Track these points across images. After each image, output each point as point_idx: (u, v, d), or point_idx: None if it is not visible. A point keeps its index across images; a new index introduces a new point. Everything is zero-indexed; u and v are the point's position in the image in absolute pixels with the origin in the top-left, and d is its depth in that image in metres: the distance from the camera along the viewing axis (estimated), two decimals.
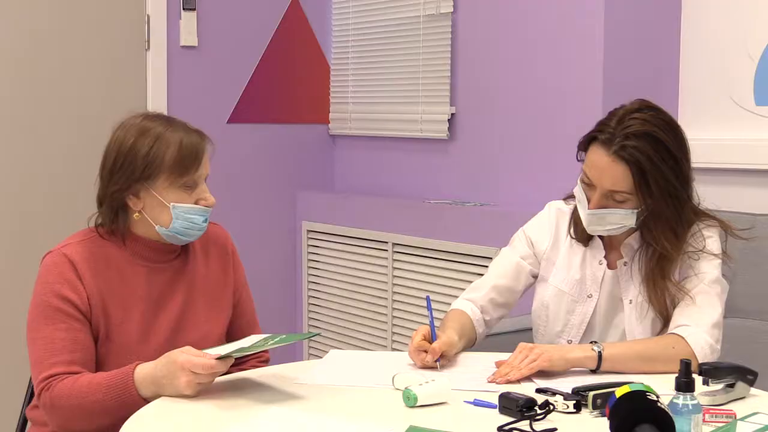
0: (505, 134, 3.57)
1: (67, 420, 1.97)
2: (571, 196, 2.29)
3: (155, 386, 1.88)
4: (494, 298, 2.33)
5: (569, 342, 2.25)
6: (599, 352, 2.02)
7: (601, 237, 2.27)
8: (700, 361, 2.04)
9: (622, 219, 2.15)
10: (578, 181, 2.20)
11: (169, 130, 2.05)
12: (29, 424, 2.16)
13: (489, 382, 1.95)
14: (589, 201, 2.16)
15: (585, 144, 2.19)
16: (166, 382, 1.86)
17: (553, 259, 2.32)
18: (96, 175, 2.11)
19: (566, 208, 2.34)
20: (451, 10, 3.73)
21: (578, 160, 2.24)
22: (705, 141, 3.19)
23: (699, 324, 2.12)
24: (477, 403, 1.80)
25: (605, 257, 2.26)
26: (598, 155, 2.13)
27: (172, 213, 2.05)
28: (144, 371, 1.91)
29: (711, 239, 2.20)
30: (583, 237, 2.27)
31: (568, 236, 2.31)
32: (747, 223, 2.72)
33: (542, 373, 1.98)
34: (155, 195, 2.05)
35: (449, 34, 3.74)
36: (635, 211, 2.14)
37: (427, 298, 2.26)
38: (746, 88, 3.09)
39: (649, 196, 2.11)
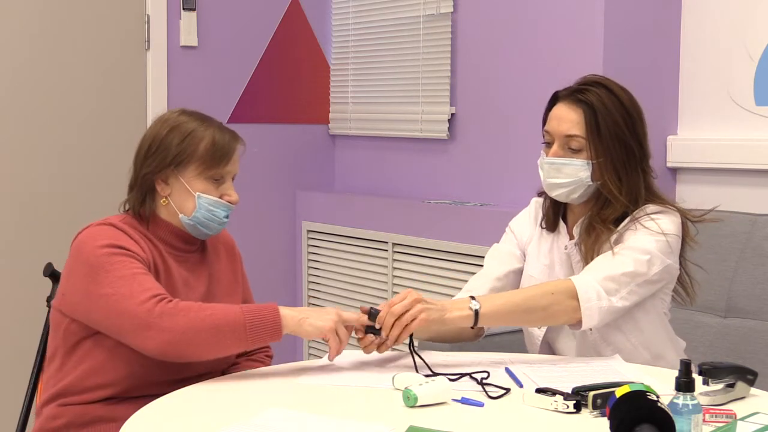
0: (505, 134, 3.57)
1: (184, 334, 1.89)
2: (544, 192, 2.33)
3: (298, 321, 1.95)
4: (496, 286, 2.33)
5: (539, 328, 2.28)
6: (476, 310, 2.04)
7: (564, 220, 2.29)
8: (582, 305, 2.05)
9: (578, 171, 2.18)
10: (541, 153, 2.26)
11: (203, 126, 2.13)
12: (29, 424, 2.16)
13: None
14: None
15: (547, 113, 2.26)
16: (314, 314, 1.96)
17: (530, 250, 2.36)
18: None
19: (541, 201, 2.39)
20: (451, 10, 3.73)
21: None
22: (705, 141, 3.19)
23: (594, 272, 2.12)
24: (464, 401, 1.81)
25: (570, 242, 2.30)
26: (557, 108, 2.23)
27: (197, 202, 2.11)
28: (288, 308, 1.97)
29: (661, 220, 2.18)
30: (549, 223, 2.32)
31: (539, 227, 2.35)
32: (747, 223, 2.72)
33: (542, 374, 1.98)
34: (183, 182, 2.11)
35: (449, 34, 3.74)
36: (590, 162, 2.18)
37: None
38: (746, 88, 3.09)
39: (599, 139, 2.17)
